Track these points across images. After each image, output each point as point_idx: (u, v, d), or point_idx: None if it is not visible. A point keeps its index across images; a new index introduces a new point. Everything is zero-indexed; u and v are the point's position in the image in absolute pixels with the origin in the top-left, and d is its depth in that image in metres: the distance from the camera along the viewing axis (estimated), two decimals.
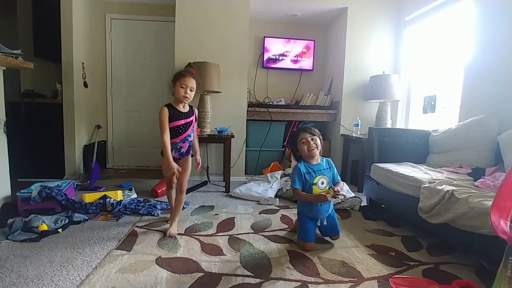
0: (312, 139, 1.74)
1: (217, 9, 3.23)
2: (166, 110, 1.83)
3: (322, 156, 1.85)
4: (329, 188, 1.71)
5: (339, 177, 1.86)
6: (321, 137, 1.80)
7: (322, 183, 1.74)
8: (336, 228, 1.81)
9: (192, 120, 1.94)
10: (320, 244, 1.76)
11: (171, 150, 1.84)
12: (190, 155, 1.97)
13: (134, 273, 1.38)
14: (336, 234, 1.81)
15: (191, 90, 1.85)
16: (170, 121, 1.83)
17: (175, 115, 1.86)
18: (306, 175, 1.72)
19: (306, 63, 3.98)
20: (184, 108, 1.91)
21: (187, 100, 1.87)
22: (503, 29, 2.16)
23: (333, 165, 1.85)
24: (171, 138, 1.85)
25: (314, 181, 1.72)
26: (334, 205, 2.40)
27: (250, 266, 1.48)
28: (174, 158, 1.86)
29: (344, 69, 3.47)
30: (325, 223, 1.77)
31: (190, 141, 1.96)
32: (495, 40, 2.22)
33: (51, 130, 3.13)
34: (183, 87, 1.83)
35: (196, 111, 2.02)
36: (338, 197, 1.79)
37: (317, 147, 1.75)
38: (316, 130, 1.79)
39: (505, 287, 1.00)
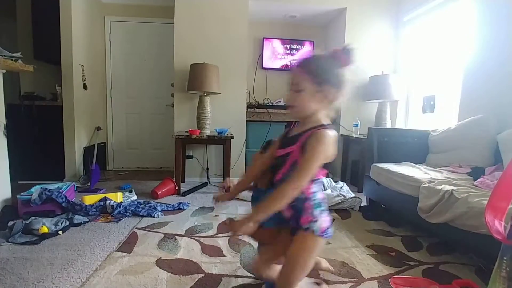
0: None
1: (216, 10, 3.23)
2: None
3: None
4: None
5: None
6: None
7: None
8: None
9: (291, 153, 0.99)
10: None
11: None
12: (304, 230, 0.98)
13: (134, 274, 1.38)
14: None
15: (294, 90, 1.00)
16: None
17: (283, 137, 1.09)
18: None
19: None
20: (298, 126, 1.05)
21: (291, 111, 1.02)
22: (503, 29, 2.16)
23: None
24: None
25: None
26: (334, 205, 2.43)
27: (251, 267, 1.47)
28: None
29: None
30: None
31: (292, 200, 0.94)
32: (494, 40, 2.22)
33: (51, 133, 3.13)
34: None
35: (314, 136, 0.94)
36: None
37: None
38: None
39: (500, 287, 1.00)
